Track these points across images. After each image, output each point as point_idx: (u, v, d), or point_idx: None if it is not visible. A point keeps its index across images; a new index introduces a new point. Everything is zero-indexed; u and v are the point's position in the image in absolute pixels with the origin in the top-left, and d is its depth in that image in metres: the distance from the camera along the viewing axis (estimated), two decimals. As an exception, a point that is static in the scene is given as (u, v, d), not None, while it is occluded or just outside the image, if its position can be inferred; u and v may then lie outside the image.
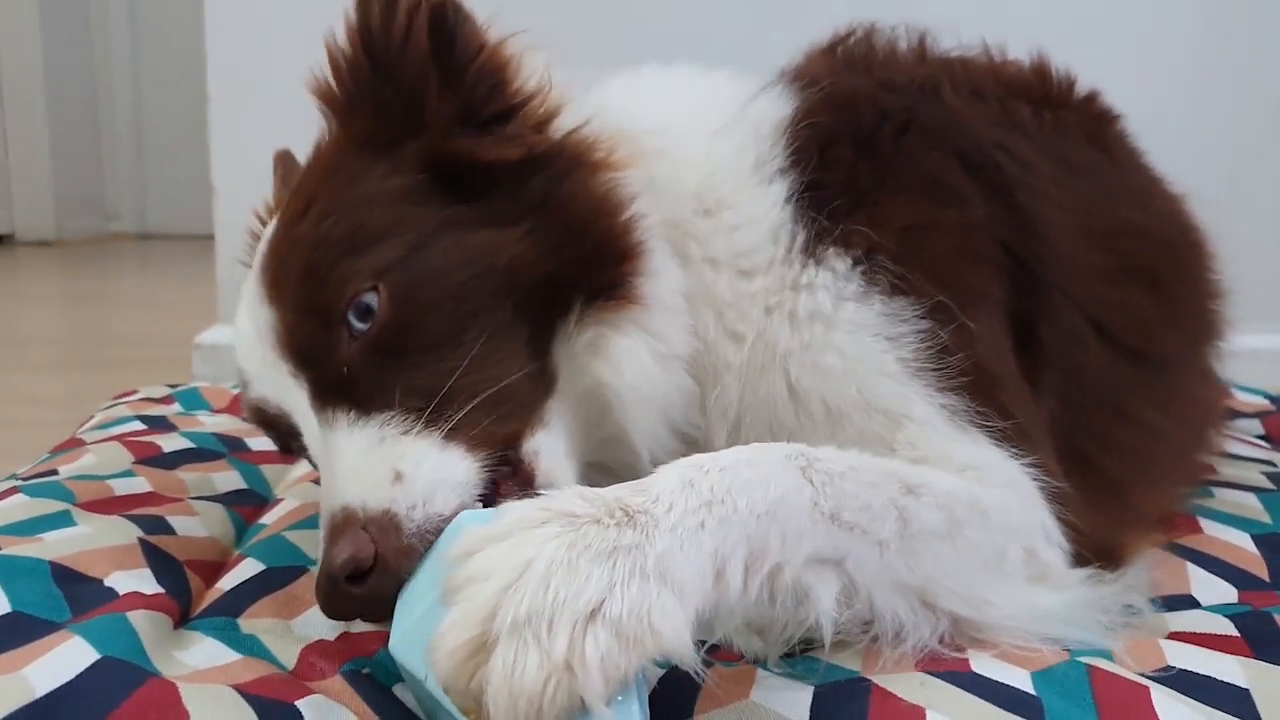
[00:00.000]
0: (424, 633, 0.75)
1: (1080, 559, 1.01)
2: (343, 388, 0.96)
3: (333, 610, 0.88)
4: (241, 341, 1.06)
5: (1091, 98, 1.46)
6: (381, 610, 0.86)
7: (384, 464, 0.90)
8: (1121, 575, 1.00)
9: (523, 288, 1.01)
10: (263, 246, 1.06)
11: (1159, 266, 1.30)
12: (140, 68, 7.52)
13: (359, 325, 0.96)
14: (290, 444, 1.09)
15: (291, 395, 0.99)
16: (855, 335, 1.06)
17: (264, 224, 1.28)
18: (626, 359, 1.04)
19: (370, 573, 0.84)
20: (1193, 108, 2.54)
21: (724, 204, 1.15)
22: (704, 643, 0.83)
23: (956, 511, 0.93)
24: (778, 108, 1.21)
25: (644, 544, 0.75)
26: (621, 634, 0.69)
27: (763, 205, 1.14)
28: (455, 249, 1.00)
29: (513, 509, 0.79)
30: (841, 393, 1.05)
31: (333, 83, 1.10)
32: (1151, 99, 2.42)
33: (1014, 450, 1.02)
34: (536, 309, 1.02)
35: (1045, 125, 1.33)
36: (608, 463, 1.10)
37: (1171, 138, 2.32)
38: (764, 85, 1.25)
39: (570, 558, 0.72)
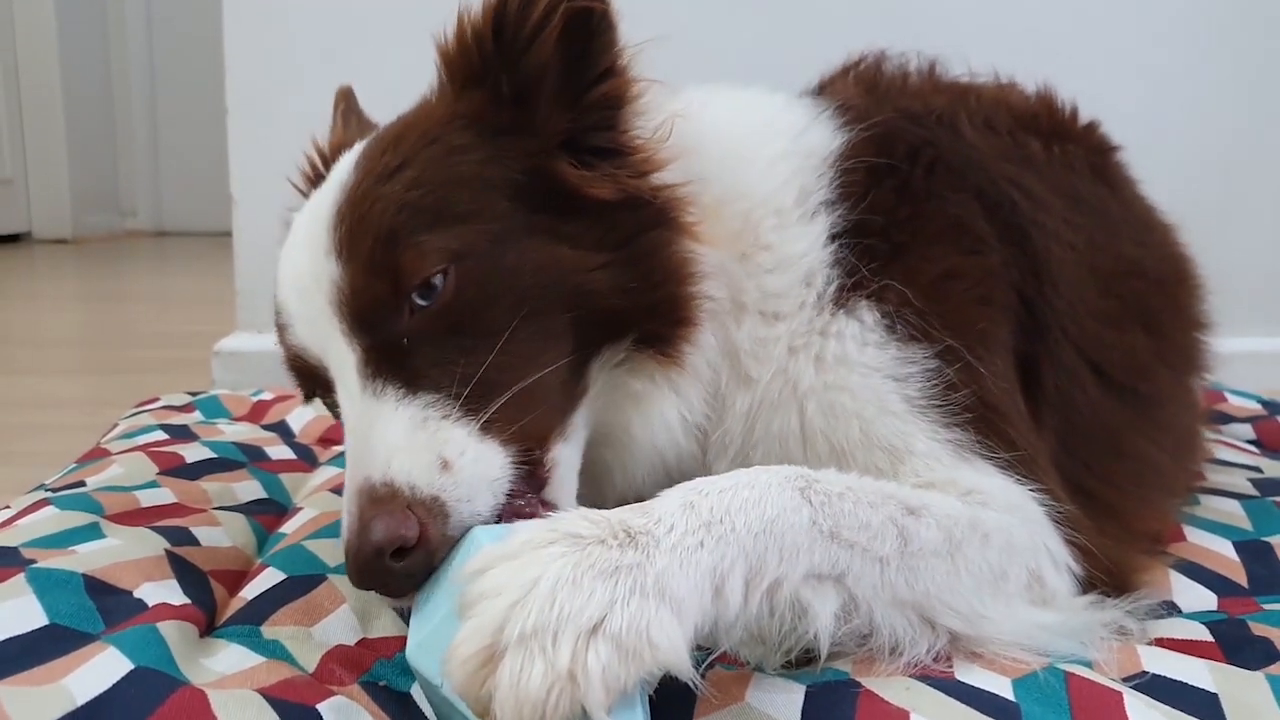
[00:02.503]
0: (439, 642, 0.79)
1: (1090, 581, 1.03)
2: (395, 360, 0.97)
3: (364, 580, 0.90)
4: (290, 283, 1.05)
5: (1092, 128, 1.47)
6: (408, 586, 0.90)
7: (430, 449, 0.92)
8: (1126, 600, 1.02)
9: (586, 309, 1.03)
10: (337, 193, 1.02)
11: (1156, 306, 1.32)
12: (156, 65, 7.58)
13: (420, 301, 0.96)
14: (318, 393, 1.10)
15: (339, 354, 0.99)
16: (867, 377, 1.08)
17: (323, 161, 1.27)
18: (659, 419, 1.08)
19: (409, 551, 0.87)
20: (1189, 117, 2.55)
21: (760, 244, 1.15)
22: (707, 654, 0.87)
23: (956, 531, 0.96)
24: (828, 140, 1.21)
25: (644, 563, 0.79)
26: (621, 647, 0.74)
27: (802, 244, 1.14)
28: (533, 253, 1.01)
29: (523, 529, 0.83)
30: (846, 432, 1.08)
31: (455, 49, 1.08)
32: (1149, 109, 2.45)
33: (1019, 477, 1.04)
34: (592, 328, 1.04)
35: (1054, 160, 1.34)
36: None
37: (1169, 146, 2.37)
38: (815, 114, 1.25)
39: (575, 576, 0.77)
